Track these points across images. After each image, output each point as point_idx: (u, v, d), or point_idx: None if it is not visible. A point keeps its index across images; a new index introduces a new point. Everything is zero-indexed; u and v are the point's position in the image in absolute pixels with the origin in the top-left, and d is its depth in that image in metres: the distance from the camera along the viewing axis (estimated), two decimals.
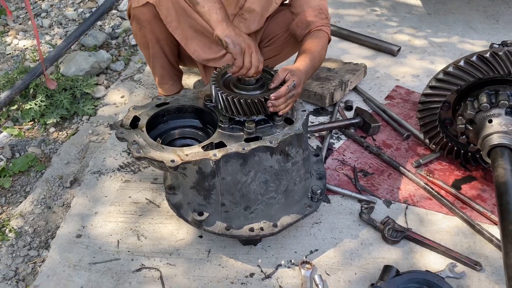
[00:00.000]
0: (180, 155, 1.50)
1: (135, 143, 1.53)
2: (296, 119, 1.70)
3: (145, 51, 2.30)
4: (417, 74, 2.99)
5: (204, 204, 1.68)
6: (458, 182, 2.12)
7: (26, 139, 2.53)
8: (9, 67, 3.15)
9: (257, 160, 1.58)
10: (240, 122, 1.63)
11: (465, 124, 2.00)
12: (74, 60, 2.97)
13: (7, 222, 2.01)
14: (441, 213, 1.97)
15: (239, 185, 1.61)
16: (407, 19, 3.79)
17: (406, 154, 2.29)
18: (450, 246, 1.81)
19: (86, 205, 1.97)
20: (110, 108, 2.70)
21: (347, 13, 3.85)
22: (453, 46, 3.37)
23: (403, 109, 2.63)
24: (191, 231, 1.86)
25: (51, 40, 3.44)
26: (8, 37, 3.50)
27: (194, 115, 1.79)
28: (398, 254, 1.79)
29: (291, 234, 1.85)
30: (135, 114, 1.66)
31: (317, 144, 2.34)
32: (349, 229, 1.89)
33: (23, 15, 3.84)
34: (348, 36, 3.37)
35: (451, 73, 1.97)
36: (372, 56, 3.19)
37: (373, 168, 2.20)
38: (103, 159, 2.21)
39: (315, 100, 2.58)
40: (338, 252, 1.80)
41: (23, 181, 2.29)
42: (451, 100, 2.06)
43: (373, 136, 2.40)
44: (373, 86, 2.84)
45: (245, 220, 1.69)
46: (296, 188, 1.75)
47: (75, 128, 2.63)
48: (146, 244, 1.81)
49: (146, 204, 1.98)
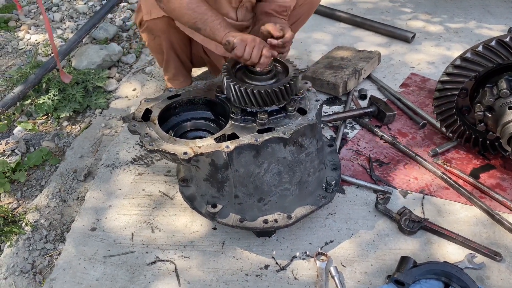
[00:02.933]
0: (193, 147, 1.48)
1: (147, 136, 1.52)
2: (309, 109, 1.67)
3: (158, 56, 2.36)
4: (433, 61, 2.92)
5: (217, 196, 1.67)
6: (476, 171, 2.08)
7: (40, 133, 2.55)
8: (21, 62, 3.17)
9: (270, 151, 1.56)
10: (252, 113, 1.60)
11: (484, 112, 1.95)
12: (85, 54, 2.97)
13: (23, 216, 2.03)
14: (459, 203, 1.93)
15: (252, 177, 1.59)
16: (421, 4, 3.70)
17: (422, 143, 2.25)
18: (469, 237, 1.78)
19: (100, 198, 1.98)
20: (122, 101, 2.70)
21: (360, 0, 3.78)
22: (469, 32, 3.29)
23: (419, 97, 2.57)
24: (205, 223, 1.85)
25: (62, 34, 3.45)
26: (21, 32, 3.52)
27: (206, 107, 1.77)
28: (415, 245, 1.76)
29: (306, 225, 1.84)
30: (147, 106, 1.65)
31: (331, 134, 2.31)
32: (365, 220, 1.86)
33: (34, 10, 3.86)
34: (362, 23, 3.31)
35: (469, 59, 1.91)
36: (386, 44, 3.12)
37: (389, 158, 2.16)
38: (116, 152, 2.21)
39: (328, 90, 2.54)
40: (354, 243, 1.78)
41: (38, 175, 2.31)
42: (469, 87, 2.00)
43: (388, 125, 2.36)
44: (388, 74, 2.79)
45: (259, 212, 1.68)
46: (310, 179, 1.72)
47: (88, 121, 2.64)
48: (160, 237, 1.81)
49: (159, 197, 1.98)
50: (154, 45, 2.26)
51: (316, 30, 3.30)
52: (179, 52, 2.29)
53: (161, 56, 2.31)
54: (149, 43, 2.28)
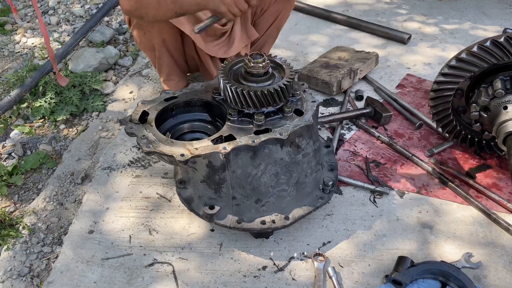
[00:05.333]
0: (190, 149, 1.49)
1: (144, 138, 1.52)
2: (306, 110, 1.68)
3: (150, 54, 2.31)
4: (429, 62, 2.94)
5: (215, 198, 1.67)
6: (472, 171, 2.08)
7: (37, 136, 2.55)
8: (18, 65, 3.17)
9: (267, 152, 1.56)
10: (249, 115, 1.61)
11: (479, 112, 1.96)
12: (82, 57, 2.97)
13: (21, 219, 2.02)
14: (455, 202, 1.94)
15: (250, 178, 1.60)
16: (417, 6, 3.72)
17: (419, 144, 2.26)
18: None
19: (97, 201, 1.98)
20: (119, 104, 2.70)
21: (356, 2, 3.80)
22: (465, 33, 3.31)
23: (415, 98, 2.59)
24: (203, 225, 1.86)
25: (59, 37, 3.45)
26: (17, 36, 3.52)
27: (203, 109, 1.77)
28: (412, 245, 1.77)
29: (303, 226, 1.84)
30: (144, 109, 1.65)
31: (328, 135, 2.31)
32: (362, 220, 1.87)
33: (31, 13, 3.85)
34: (358, 25, 3.32)
35: (464, 60, 1.92)
36: (382, 45, 3.14)
37: (385, 158, 2.17)
38: (113, 155, 2.21)
39: (322, 88, 2.56)
40: (351, 243, 1.78)
41: (35, 178, 2.30)
42: (464, 87, 2.01)
43: (385, 125, 2.37)
44: (384, 75, 2.80)
45: (257, 213, 1.68)
46: (307, 180, 1.73)
47: (85, 124, 2.64)
48: (158, 239, 1.81)
49: (157, 199, 1.98)
50: (145, 41, 2.21)
51: (313, 32, 3.32)
52: (171, 49, 2.25)
53: (153, 53, 2.27)
54: (140, 40, 2.22)
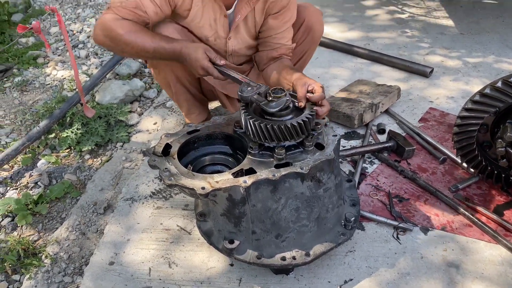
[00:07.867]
0: (211, 182, 1.50)
1: (166, 171, 1.54)
2: (327, 143, 1.67)
3: (167, 90, 2.39)
4: (452, 95, 2.91)
5: (234, 232, 1.66)
6: (500, 208, 2.02)
7: (63, 166, 2.61)
8: (48, 96, 3.28)
9: (287, 186, 1.56)
10: (270, 148, 1.61)
11: (506, 147, 1.91)
12: (109, 89, 3.07)
13: (44, 248, 2.05)
14: (483, 241, 1.88)
15: (270, 212, 1.59)
16: (439, 39, 3.73)
17: (443, 179, 2.21)
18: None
19: (119, 232, 1.99)
20: (143, 135, 2.76)
21: (377, 36, 3.83)
22: (488, 66, 3.28)
23: (438, 132, 2.55)
24: (222, 259, 1.84)
25: (87, 70, 3.58)
26: (48, 68, 3.66)
27: (224, 142, 1.79)
28: (437, 285, 1.70)
29: (324, 263, 1.80)
30: (167, 141, 1.68)
31: (350, 169, 2.29)
32: (385, 257, 1.82)
33: (61, 47, 4.02)
34: (379, 58, 3.34)
35: (488, 95, 1.90)
36: (404, 78, 3.13)
37: (409, 194, 2.13)
38: (135, 186, 2.24)
39: (343, 121, 2.55)
40: (374, 282, 1.73)
41: (59, 208, 2.34)
42: (489, 122, 1.98)
43: (408, 160, 2.34)
44: (406, 108, 2.78)
45: (277, 248, 1.66)
46: (328, 215, 1.70)
47: (109, 155, 2.69)
48: (177, 272, 1.80)
49: (177, 231, 1.98)
50: (160, 79, 2.29)
51: (334, 66, 3.35)
52: (186, 85, 2.30)
53: (170, 90, 2.34)
54: (156, 77, 2.32)
